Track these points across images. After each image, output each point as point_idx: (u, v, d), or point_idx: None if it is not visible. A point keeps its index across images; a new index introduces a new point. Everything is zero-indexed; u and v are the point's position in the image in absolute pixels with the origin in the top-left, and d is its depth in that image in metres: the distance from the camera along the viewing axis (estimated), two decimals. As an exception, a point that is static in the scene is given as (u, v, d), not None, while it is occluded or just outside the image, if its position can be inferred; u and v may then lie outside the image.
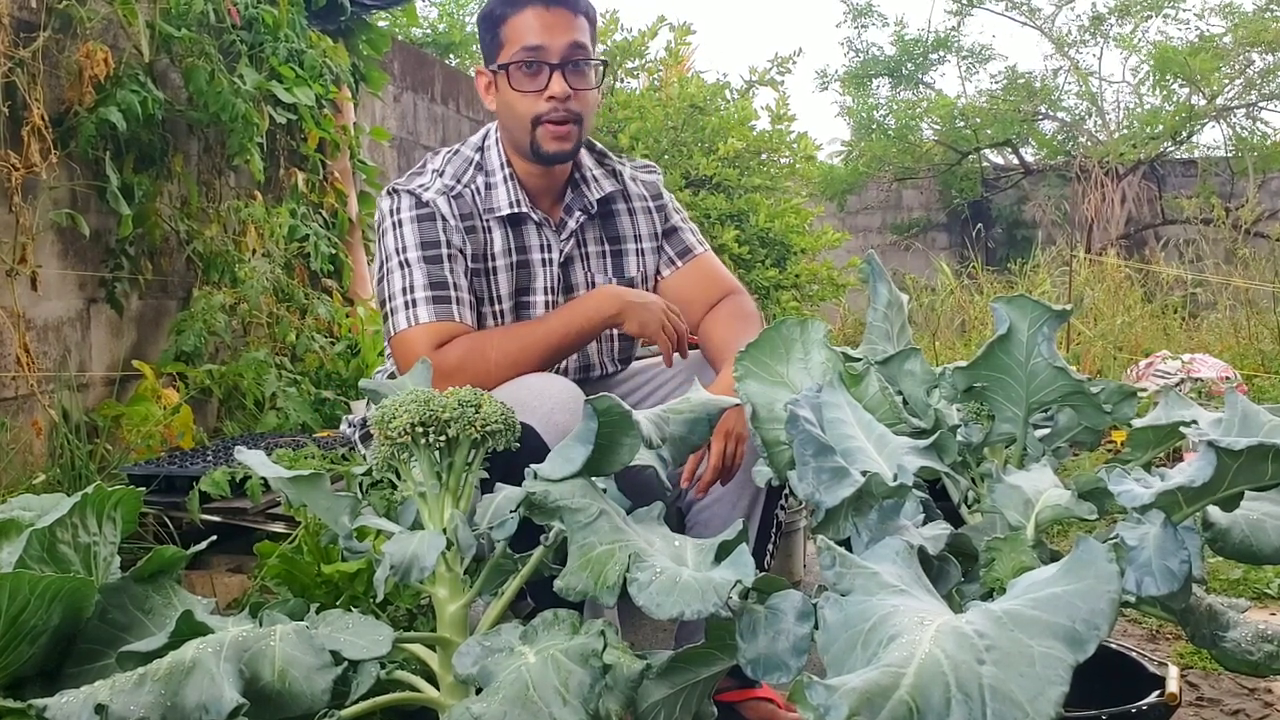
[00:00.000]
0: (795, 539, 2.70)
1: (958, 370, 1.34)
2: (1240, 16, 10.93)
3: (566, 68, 1.80)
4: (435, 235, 1.79)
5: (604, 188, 1.96)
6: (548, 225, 1.91)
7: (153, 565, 1.26)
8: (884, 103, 12.62)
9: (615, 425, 1.18)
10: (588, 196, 1.94)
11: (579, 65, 1.82)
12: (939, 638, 0.81)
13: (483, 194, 1.87)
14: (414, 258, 1.77)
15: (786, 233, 5.68)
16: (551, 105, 1.80)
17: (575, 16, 1.82)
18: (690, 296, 1.99)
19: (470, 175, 1.88)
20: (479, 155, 1.90)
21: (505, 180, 1.87)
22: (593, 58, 1.84)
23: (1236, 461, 1.01)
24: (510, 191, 1.87)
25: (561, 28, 1.80)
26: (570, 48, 1.80)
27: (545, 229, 1.91)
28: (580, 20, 1.83)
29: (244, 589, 2.11)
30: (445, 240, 1.79)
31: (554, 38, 1.79)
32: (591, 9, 1.88)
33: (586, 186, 1.95)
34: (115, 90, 2.74)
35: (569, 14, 1.81)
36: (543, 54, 1.79)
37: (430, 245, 1.78)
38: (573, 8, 1.82)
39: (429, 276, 1.76)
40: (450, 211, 1.81)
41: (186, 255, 3.19)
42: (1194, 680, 2.01)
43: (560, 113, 1.81)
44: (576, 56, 1.81)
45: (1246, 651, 1.17)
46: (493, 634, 1.13)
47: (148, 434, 2.72)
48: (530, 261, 1.90)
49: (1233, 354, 5.82)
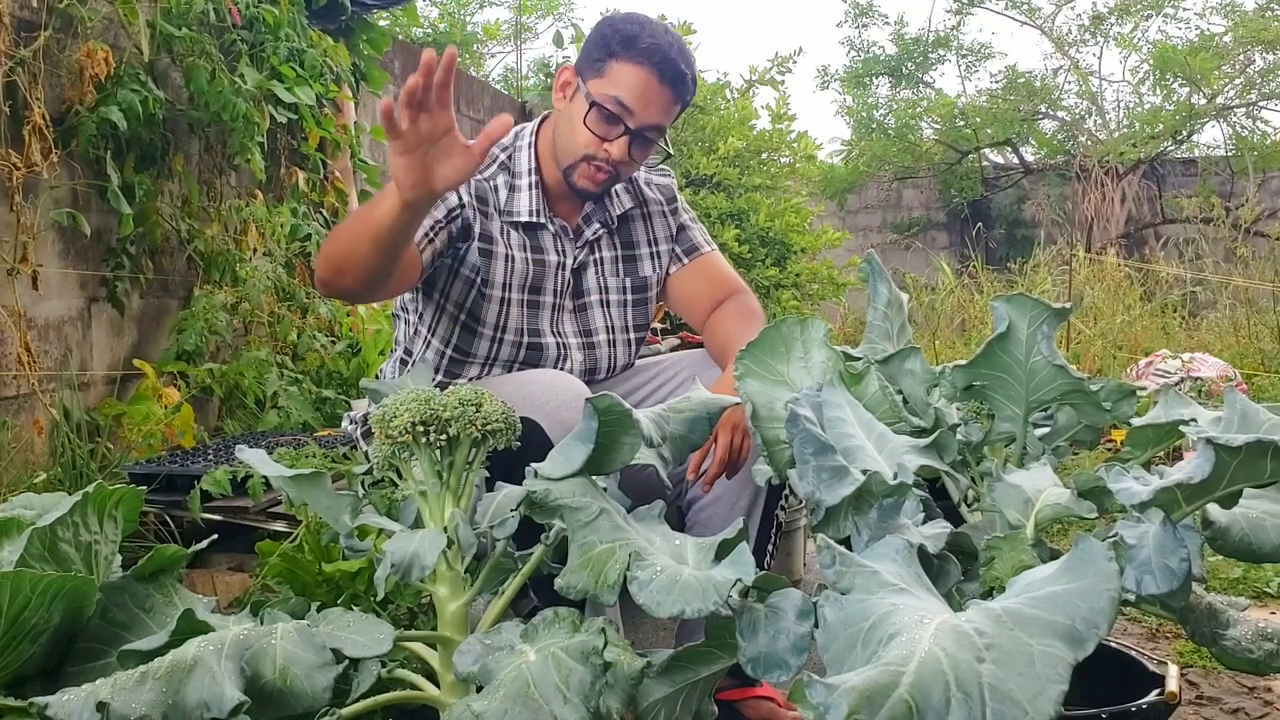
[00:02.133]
0: (795, 538, 2.70)
1: (957, 369, 1.34)
2: (1240, 15, 10.92)
3: (637, 139, 1.82)
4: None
5: (624, 204, 1.98)
6: (565, 234, 1.92)
7: (154, 564, 1.26)
8: (884, 102, 12.62)
9: (616, 424, 1.19)
10: (609, 211, 1.95)
11: (647, 143, 1.84)
12: (939, 636, 0.81)
13: (503, 195, 1.87)
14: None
15: (787, 232, 5.68)
16: (605, 156, 1.81)
17: (675, 104, 1.84)
18: (695, 293, 2.00)
19: (493, 171, 1.88)
20: (506, 155, 1.91)
21: (530, 187, 1.88)
22: (664, 145, 1.87)
23: (1235, 459, 1.01)
24: (532, 200, 1.88)
25: (659, 107, 1.81)
26: (652, 127, 1.82)
27: (562, 237, 1.92)
28: (676, 108, 1.85)
29: (245, 588, 2.11)
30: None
31: (646, 110, 1.80)
32: (690, 100, 1.90)
33: (609, 200, 1.96)
34: (116, 89, 2.74)
35: (672, 98, 1.82)
36: (628, 116, 1.80)
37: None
38: (678, 95, 1.83)
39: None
40: (464, 186, 1.80)
41: (187, 254, 3.19)
42: (1194, 679, 2.02)
43: (609, 167, 1.83)
44: (652, 136, 1.83)
45: (1246, 650, 1.17)
46: (493, 632, 1.13)
47: (149, 433, 2.72)
48: (545, 263, 1.90)
49: (1233, 353, 5.82)
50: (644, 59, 1.78)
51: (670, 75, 1.79)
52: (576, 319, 1.94)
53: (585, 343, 1.93)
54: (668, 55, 1.78)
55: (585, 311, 1.95)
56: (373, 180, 4.14)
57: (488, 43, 10.35)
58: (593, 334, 1.94)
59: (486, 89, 6.19)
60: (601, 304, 1.96)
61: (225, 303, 3.14)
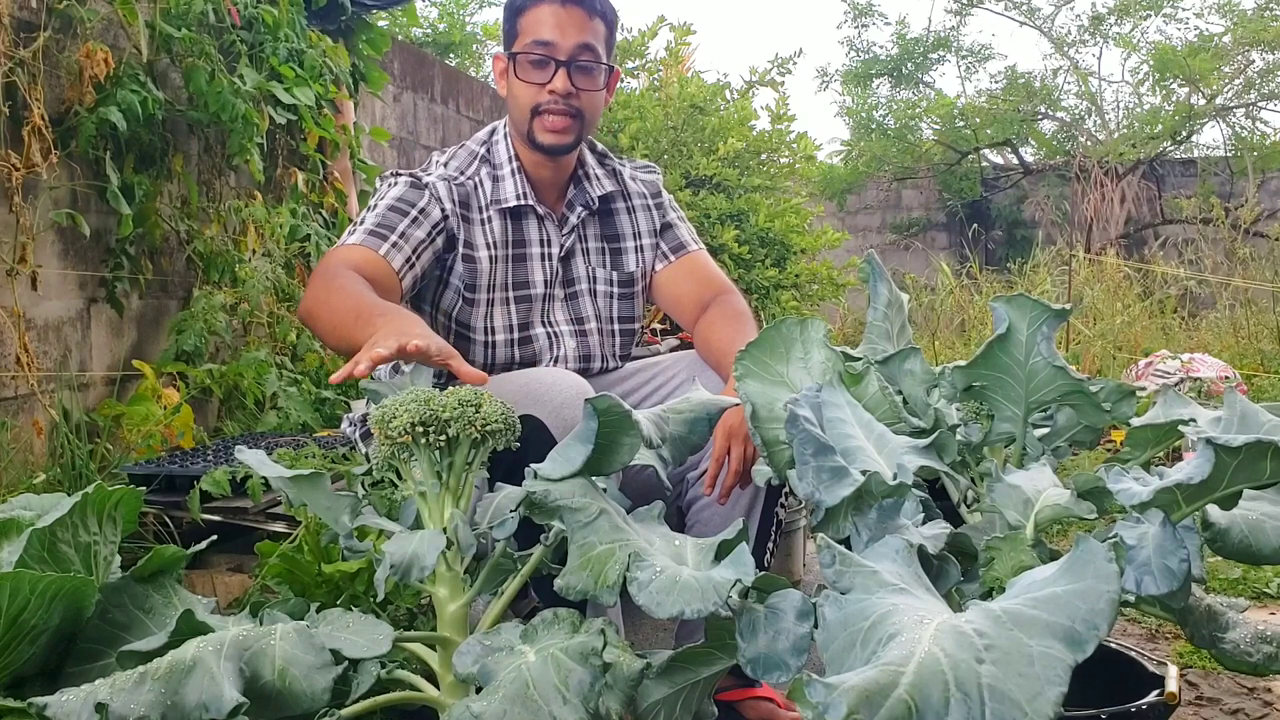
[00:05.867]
0: (795, 538, 2.70)
1: (957, 369, 1.34)
2: (1239, 16, 10.93)
3: (572, 66, 1.83)
4: (414, 199, 1.83)
5: (605, 186, 1.99)
6: (550, 220, 1.94)
7: (153, 565, 1.26)
8: (884, 102, 12.63)
9: (615, 425, 1.18)
10: (590, 193, 1.97)
11: (585, 66, 1.85)
12: (938, 636, 0.81)
13: (488, 186, 1.90)
14: (383, 206, 1.81)
15: (786, 232, 5.68)
16: (552, 98, 1.83)
17: (590, 18, 1.84)
18: (682, 292, 2.01)
19: (475, 168, 1.91)
20: (485, 149, 1.94)
21: (513, 174, 1.91)
22: (600, 61, 1.86)
23: (1235, 459, 1.01)
24: (517, 185, 1.90)
25: (574, 27, 1.82)
26: (579, 48, 1.83)
27: (547, 223, 1.94)
28: (595, 23, 1.85)
29: (244, 588, 2.11)
30: (421, 207, 1.82)
31: (565, 36, 1.82)
32: (611, 12, 1.90)
33: (589, 183, 1.98)
34: (115, 90, 2.74)
35: (583, 14, 1.83)
36: (551, 50, 1.82)
37: (404, 203, 1.82)
38: (589, 9, 1.84)
39: (382, 219, 1.79)
40: (446, 195, 1.85)
41: (187, 255, 3.19)
42: (1193, 679, 2.01)
43: (560, 105, 1.84)
44: (584, 57, 1.84)
45: (1246, 652, 1.17)
46: (493, 633, 1.13)
47: (148, 433, 2.72)
48: (528, 255, 1.92)
49: (1232, 353, 5.83)
50: None
51: None
52: (568, 307, 1.96)
53: (577, 330, 1.95)
54: None
55: (576, 300, 1.96)
56: (371, 180, 4.13)
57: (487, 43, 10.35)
58: (584, 322, 1.96)
59: (486, 89, 6.19)
60: (590, 293, 1.98)
61: (224, 303, 3.14)
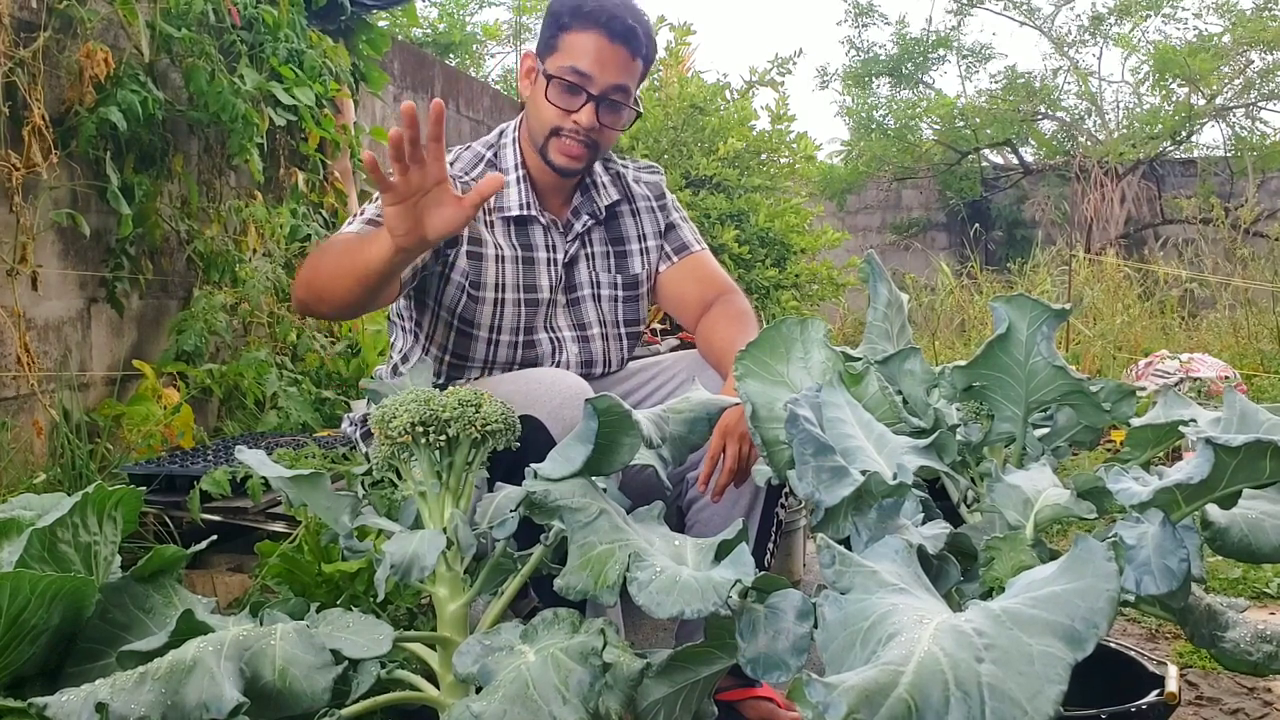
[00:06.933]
0: (795, 538, 2.70)
1: (957, 369, 1.34)
2: (1238, 16, 10.93)
3: (602, 102, 1.82)
4: None
5: (611, 194, 1.99)
6: (555, 228, 1.93)
7: (153, 564, 1.26)
8: (884, 102, 12.63)
9: (615, 424, 1.19)
10: (596, 202, 1.96)
11: (615, 104, 1.84)
12: (938, 636, 0.81)
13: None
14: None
15: (786, 232, 5.68)
16: (575, 127, 1.82)
17: (633, 60, 1.83)
18: (685, 292, 2.01)
19: (480, 171, 1.90)
20: (491, 153, 1.93)
21: (519, 181, 1.90)
22: (631, 105, 1.86)
23: (1234, 459, 1.01)
24: (522, 194, 1.89)
25: (615, 66, 1.81)
26: (614, 87, 1.82)
27: (552, 231, 1.93)
28: (635, 64, 1.84)
29: (244, 588, 2.11)
30: None
31: (604, 72, 1.80)
32: (653, 56, 1.89)
33: (596, 192, 1.97)
34: (116, 90, 2.74)
35: (627, 55, 1.82)
36: (586, 82, 1.80)
37: None
38: (634, 50, 1.83)
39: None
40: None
41: (187, 255, 3.19)
42: (1193, 679, 2.02)
43: (580, 136, 1.83)
44: (616, 98, 1.83)
45: (1246, 652, 1.17)
46: (493, 633, 1.13)
47: (148, 433, 2.72)
48: (535, 260, 1.91)
49: (1232, 353, 5.83)
50: (591, 22, 1.79)
51: (620, 31, 1.79)
52: (570, 313, 1.95)
53: (580, 336, 1.94)
54: (614, 14, 1.79)
55: (578, 305, 1.96)
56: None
57: (487, 43, 10.37)
58: (587, 327, 1.95)
59: (486, 89, 6.19)
60: (594, 298, 1.97)
61: (225, 303, 3.14)
